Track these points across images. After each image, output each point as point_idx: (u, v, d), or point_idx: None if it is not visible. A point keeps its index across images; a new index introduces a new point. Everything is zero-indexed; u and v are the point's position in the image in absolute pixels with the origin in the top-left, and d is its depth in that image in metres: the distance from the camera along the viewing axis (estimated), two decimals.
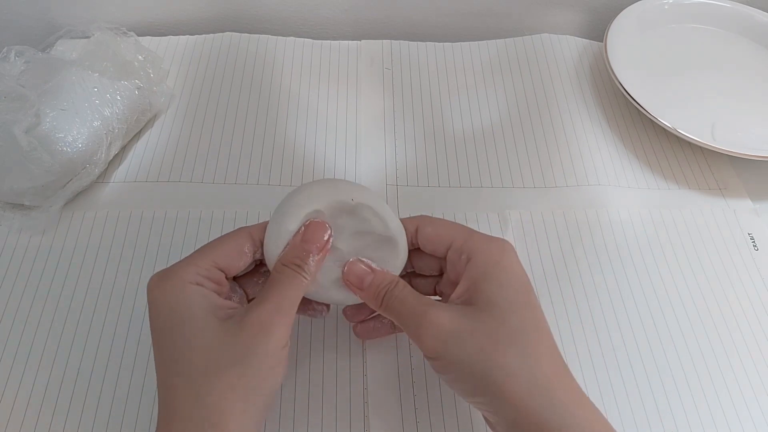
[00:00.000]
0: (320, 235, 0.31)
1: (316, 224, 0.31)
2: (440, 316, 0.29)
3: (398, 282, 0.31)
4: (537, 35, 0.59)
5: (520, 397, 0.27)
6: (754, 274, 0.43)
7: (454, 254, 0.32)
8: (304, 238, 0.31)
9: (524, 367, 0.27)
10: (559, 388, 0.28)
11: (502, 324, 0.28)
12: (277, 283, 0.30)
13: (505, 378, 0.27)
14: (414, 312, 0.30)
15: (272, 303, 0.29)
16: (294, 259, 0.30)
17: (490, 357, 0.28)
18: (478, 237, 0.32)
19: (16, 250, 0.41)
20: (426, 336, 0.29)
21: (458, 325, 0.28)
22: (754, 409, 0.37)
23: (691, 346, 0.40)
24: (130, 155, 0.48)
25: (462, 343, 0.28)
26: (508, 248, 0.31)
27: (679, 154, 0.51)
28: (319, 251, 0.31)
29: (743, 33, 0.59)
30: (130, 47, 0.50)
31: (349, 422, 0.35)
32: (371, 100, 0.53)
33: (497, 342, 0.28)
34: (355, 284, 0.32)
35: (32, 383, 0.36)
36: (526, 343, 0.28)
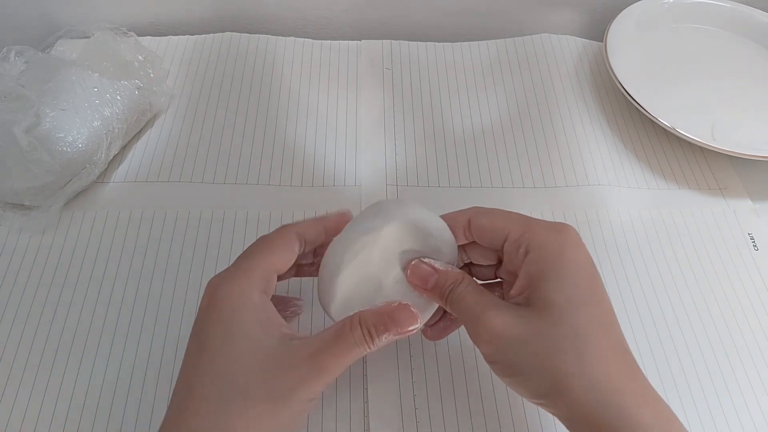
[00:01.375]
0: (409, 323, 0.29)
1: (410, 313, 0.29)
2: (494, 320, 0.28)
3: (464, 278, 0.30)
4: (537, 35, 0.59)
5: (577, 399, 0.26)
6: (754, 274, 0.43)
7: (511, 247, 0.30)
8: (392, 316, 0.29)
9: (580, 370, 0.26)
10: (620, 387, 0.27)
11: (559, 326, 0.27)
12: (344, 341, 0.28)
13: (561, 382, 0.26)
14: (471, 312, 0.29)
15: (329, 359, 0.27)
16: (371, 326, 0.28)
17: (546, 363, 0.27)
18: (537, 226, 0.30)
19: (16, 250, 0.41)
20: (481, 340, 0.28)
21: (514, 330, 0.27)
22: (755, 409, 0.37)
23: (691, 346, 0.40)
24: (130, 155, 0.48)
25: (518, 349, 0.27)
26: (571, 236, 0.30)
27: (679, 154, 0.51)
28: (397, 335, 0.29)
29: (743, 33, 0.59)
30: (130, 47, 0.50)
31: (349, 422, 0.35)
32: (371, 100, 0.53)
33: (553, 346, 0.27)
34: (420, 285, 0.31)
35: (32, 383, 0.36)
36: (583, 344, 0.27)
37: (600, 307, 0.29)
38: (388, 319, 0.29)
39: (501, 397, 0.36)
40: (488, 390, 0.37)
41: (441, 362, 0.38)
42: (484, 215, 0.32)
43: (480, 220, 0.31)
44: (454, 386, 0.37)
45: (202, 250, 0.42)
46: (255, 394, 0.26)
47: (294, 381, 0.27)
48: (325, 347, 0.28)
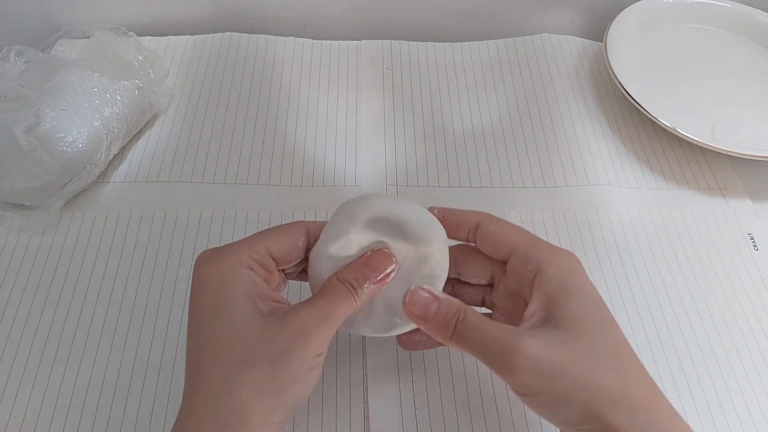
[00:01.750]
0: (384, 265, 0.30)
1: (384, 254, 0.30)
2: (531, 346, 0.26)
3: (467, 309, 0.28)
4: (537, 35, 0.59)
5: (620, 420, 0.25)
6: (754, 274, 0.43)
7: (517, 261, 0.30)
8: (367, 263, 0.29)
9: (622, 388, 0.26)
10: (654, 407, 0.27)
11: (594, 345, 0.27)
12: (329, 294, 0.29)
13: (604, 402, 0.26)
14: (499, 343, 0.27)
15: (319, 310, 0.28)
16: (351, 280, 0.29)
17: (591, 383, 0.26)
18: (545, 247, 0.30)
19: (16, 250, 0.41)
20: (518, 371, 0.26)
21: (552, 354, 0.26)
22: (755, 409, 0.37)
23: (691, 346, 0.40)
24: (130, 155, 0.48)
25: (561, 374, 0.26)
26: (579, 262, 0.30)
27: (679, 154, 0.51)
28: (377, 282, 0.29)
29: (743, 33, 0.59)
30: (130, 47, 0.50)
31: (350, 422, 0.35)
32: (371, 100, 0.53)
33: (594, 365, 0.26)
34: (419, 315, 0.29)
35: (32, 383, 0.36)
36: (618, 362, 0.27)
37: (617, 329, 0.28)
38: (366, 268, 0.29)
39: (501, 397, 0.36)
40: (488, 390, 0.37)
41: (441, 362, 0.38)
42: (494, 223, 0.31)
43: (490, 227, 0.31)
44: (454, 386, 0.37)
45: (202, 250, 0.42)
46: (253, 358, 0.26)
47: (290, 339, 0.27)
48: (316, 303, 0.28)
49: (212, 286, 0.28)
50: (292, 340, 0.27)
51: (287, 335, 0.27)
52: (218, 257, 0.29)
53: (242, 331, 0.27)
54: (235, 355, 0.26)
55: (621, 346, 0.28)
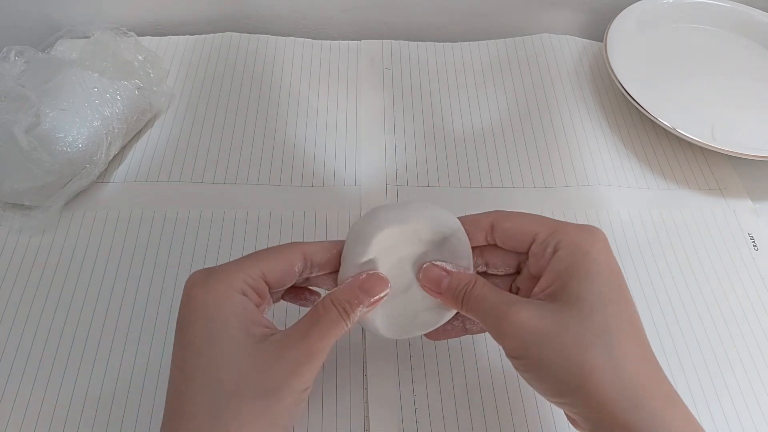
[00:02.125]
0: (378, 289, 0.30)
1: (379, 278, 0.30)
2: (522, 314, 0.27)
3: (477, 280, 0.30)
4: (537, 35, 0.59)
5: (605, 397, 0.26)
6: (754, 274, 0.43)
7: (538, 248, 0.30)
8: (362, 286, 0.29)
9: (610, 366, 0.26)
10: (647, 387, 0.26)
11: (589, 321, 0.27)
12: (321, 322, 0.28)
13: (589, 378, 0.26)
14: (495, 310, 0.28)
15: (310, 346, 0.28)
16: (344, 303, 0.29)
17: (575, 356, 0.26)
18: (567, 226, 0.30)
19: (16, 250, 0.41)
20: (507, 335, 0.28)
21: (541, 324, 0.27)
22: (755, 408, 0.37)
23: (690, 345, 0.40)
24: (130, 155, 0.48)
25: (545, 342, 0.27)
26: (600, 237, 0.30)
27: (679, 154, 0.51)
28: (371, 305, 0.30)
29: (743, 33, 0.59)
30: (130, 47, 0.50)
31: (349, 422, 0.35)
32: (371, 100, 0.53)
33: (582, 340, 0.27)
34: (433, 288, 0.31)
35: (32, 383, 0.36)
36: (612, 341, 0.27)
37: (627, 306, 0.28)
38: (360, 291, 0.29)
39: (501, 397, 0.36)
40: (488, 389, 0.37)
41: (441, 362, 0.38)
42: (508, 219, 0.31)
43: (505, 224, 0.31)
44: (454, 386, 0.37)
45: (202, 250, 0.42)
46: (246, 392, 0.26)
47: (284, 372, 0.27)
48: (307, 333, 0.28)
49: (204, 312, 0.27)
50: (287, 374, 0.27)
51: (282, 369, 0.27)
52: (211, 280, 0.28)
53: (234, 362, 0.26)
54: (228, 387, 0.26)
55: (621, 324, 0.27)
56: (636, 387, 0.26)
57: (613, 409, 0.26)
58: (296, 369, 0.27)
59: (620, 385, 0.26)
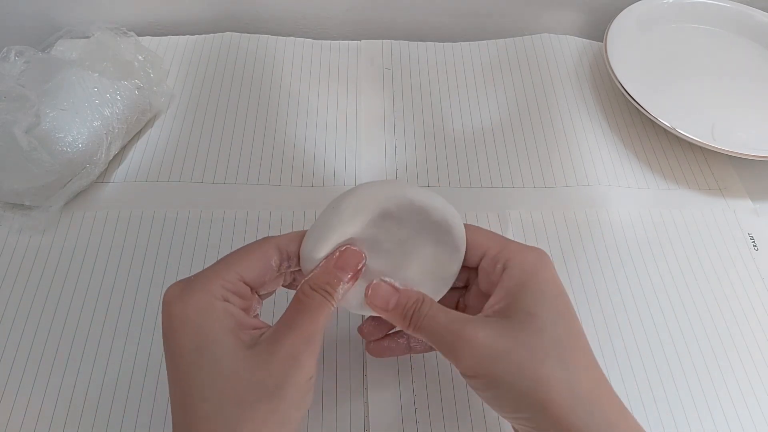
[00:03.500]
0: (354, 262, 0.29)
1: (351, 252, 0.30)
2: (476, 332, 0.28)
3: (425, 299, 0.30)
4: (537, 35, 0.59)
5: (561, 410, 0.26)
6: (754, 274, 0.43)
7: (488, 263, 0.30)
8: (336, 264, 0.29)
9: (565, 380, 0.27)
10: (600, 401, 0.27)
11: (541, 336, 0.27)
12: (306, 309, 0.28)
13: (546, 392, 0.26)
14: (448, 330, 0.28)
15: (301, 332, 0.27)
16: (324, 285, 0.28)
17: (531, 371, 0.27)
18: (515, 246, 0.31)
19: (16, 250, 0.41)
20: (462, 355, 0.28)
21: (496, 341, 0.27)
22: (755, 408, 0.37)
23: (690, 346, 0.40)
24: (130, 155, 0.48)
25: (501, 359, 0.27)
26: (546, 258, 0.30)
27: (679, 154, 0.51)
28: (351, 279, 0.29)
29: (743, 33, 0.59)
30: (130, 47, 0.50)
31: (350, 422, 0.35)
32: (371, 100, 0.53)
33: (537, 355, 0.27)
34: (381, 306, 0.30)
35: (32, 383, 0.36)
36: (565, 355, 0.27)
37: (574, 323, 0.29)
38: (336, 269, 0.29)
39: None
40: None
41: (441, 362, 0.38)
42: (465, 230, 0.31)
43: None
44: (454, 386, 0.37)
45: (202, 250, 0.42)
46: (250, 398, 0.26)
47: (282, 366, 0.26)
48: (294, 325, 0.27)
49: (188, 326, 0.27)
50: (284, 372, 0.26)
51: (278, 367, 0.26)
52: (188, 293, 0.27)
53: (231, 370, 0.26)
54: (231, 396, 0.26)
55: (572, 339, 0.28)
56: (590, 400, 0.27)
57: (569, 422, 0.26)
58: (294, 360, 0.26)
59: (576, 398, 0.26)
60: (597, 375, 0.28)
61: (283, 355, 0.26)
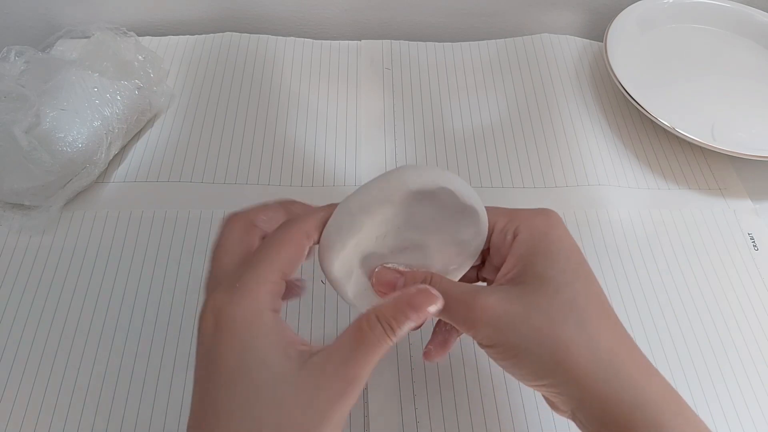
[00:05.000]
0: (427, 305, 0.26)
1: (428, 294, 0.26)
2: (489, 301, 0.27)
3: (432, 277, 0.29)
4: (537, 35, 0.59)
5: (583, 372, 0.25)
6: (754, 274, 0.43)
7: (498, 237, 0.30)
8: (411, 303, 0.26)
9: (585, 341, 0.26)
10: (623, 359, 0.26)
11: (557, 298, 0.27)
12: (366, 341, 0.25)
13: (566, 354, 0.25)
14: (460, 302, 0.27)
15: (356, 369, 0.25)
16: (390, 320, 0.25)
17: (549, 335, 0.26)
18: (522, 213, 0.30)
19: (16, 250, 0.41)
20: (478, 324, 0.27)
21: (511, 307, 0.26)
22: (754, 408, 0.37)
23: (690, 345, 0.40)
24: (130, 155, 0.48)
25: (517, 325, 0.26)
26: (555, 218, 0.29)
27: (679, 154, 0.51)
28: (418, 322, 0.26)
29: (743, 33, 0.59)
30: (130, 47, 0.50)
31: (350, 422, 0.35)
32: (371, 100, 0.53)
33: (554, 318, 0.26)
34: (388, 292, 0.29)
35: (32, 383, 0.36)
36: (583, 315, 0.26)
37: (591, 281, 0.28)
38: (408, 307, 0.26)
39: (501, 397, 0.36)
40: (488, 390, 0.37)
41: (441, 362, 0.38)
42: None
43: None
44: (454, 386, 0.37)
45: (203, 251, 0.42)
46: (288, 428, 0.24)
47: (326, 404, 0.24)
48: (350, 355, 0.25)
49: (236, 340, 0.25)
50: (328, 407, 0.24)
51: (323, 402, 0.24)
52: (239, 302, 0.25)
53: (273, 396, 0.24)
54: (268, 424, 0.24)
55: (588, 299, 0.27)
56: (612, 359, 0.26)
57: (592, 383, 0.25)
58: (339, 400, 0.24)
59: (597, 358, 0.26)
60: (619, 334, 0.27)
61: (330, 393, 0.24)
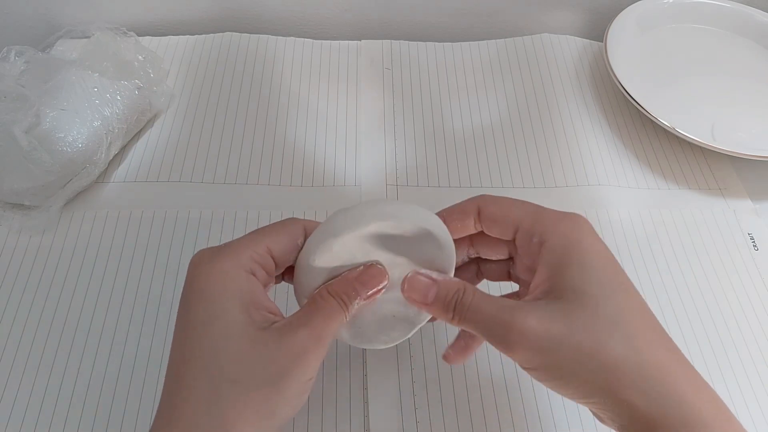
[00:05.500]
0: (377, 281, 0.29)
1: (377, 269, 0.29)
2: (528, 321, 0.25)
3: (466, 288, 0.28)
4: (537, 35, 0.59)
5: (632, 392, 0.24)
6: (754, 274, 0.43)
7: (523, 237, 0.29)
8: (360, 278, 0.28)
9: (632, 359, 0.25)
10: (672, 375, 0.25)
11: (597, 313, 0.25)
12: (322, 310, 0.27)
13: (613, 374, 0.25)
14: (496, 321, 0.26)
15: (315, 330, 0.27)
16: (342, 294, 0.28)
17: (595, 355, 0.25)
18: (549, 215, 0.29)
19: (16, 250, 0.41)
20: (516, 347, 0.26)
21: (552, 327, 0.25)
22: (754, 408, 0.37)
23: (690, 345, 0.40)
24: (130, 155, 0.48)
25: (559, 347, 0.25)
26: (584, 224, 0.28)
27: (679, 154, 0.51)
28: (368, 298, 0.28)
29: (743, 33, 0.59)
30: (130, 47, 0.50)
31: (349, 422, 0.35)
32: (371, 100, 0.53)
33: (598, 336, 0.25)
34: (420, 299, 0.29)
35: (32, 383, 0.36)
36: (629, 330, 0.25)
37: (631, 293, 0.27)
38: (357, 283, 0.28)
39: (501, 397, 0.36)
40: (488, 389, 0.37)
41: (441, 362, 0.38)
42: (493, 203, 0.30)
43: (490, 208, 0.30)
44: (454, 386, 0.37)
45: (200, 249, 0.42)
46: (248, 380, 0.25)
47: (288, 359, 0.26)
48: (309, 321, 0.27)
49: (207, 292, 0.26)
50: (290, 363, 0.26)
51: (284, 357, 0.26)
52: (218, 258, 0.27)
53: (237, 348, 0.25)
54: (228, 374, 0.25)
55: (632, 312, 0.26)
56: (661, 376, 0.25)
57: (641, 402, 0.24)
58: (302, 356, 0.26)
59: (645, 376, 0.25)
60: (665, 347, 0.26)
61: (293, 347, 0.26)
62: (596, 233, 0.28)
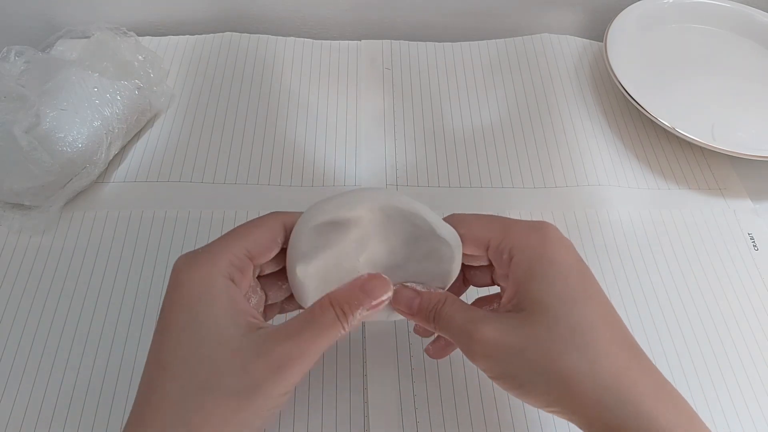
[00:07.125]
0: (381, 292, 0.28)
1: (382, 280, 0.28)
2: (486, 332, 0.26)
3: (446, 299, 0.29)
4: (537, 35, 0.59)
5: (588, 402, 0.25)
6: (754, 274, 0.43)
7: (495, 254, 0.29)
8: (364, 288, 0.28)
9: (586, 369, 0.25)
10: (629, 384, 0.25)
11: (556, 326, 0.26)
12: (314, 323, 0.26)
13: (568, 385, 0.25)
14: (463, 330, 0.27)
15: (302, 343, 0.26)
16: (343, 305, 0.27)
17: (548, 367, 0.25)
18: (516, 229, 0.29)
19: (16, 250, 0.41)
20: (477, 356, 0.27)
21: (507, 339, 0.26)
22: (754, 408, 0.37)
23: (690, 345, 0.40)
24: (130, 155, 0.48)
25: (515, 358, 0.26)
26: (551, 234, 0.29)
27: (679, 154, 0.51)
28: (372, 308, 0.28)
29: (743, 33, 0.59)
30: (130, 47, 0.50)
31: (349, 423, 0.35)
32: (371, 100, 0.53)
33: (551, 348, 0.26)
34: (405, 311, 0.30)
35: (32, 383, 0.36)
36: (585, 341, 0.26)
37: (595, 302, 0.27)
38: (361, 293, 0.28)
39: (501, 397, 0.36)
40: (488, 390, 0.37)
41: (441, 362, 0.38)
42: (461, 224, 0.30)
43: (458, 230, 0.30)
44: (453, 386, 0.37)
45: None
46: (219, 389, 0.24)
47: (263, 371, 0.25)
48: (297, 333, 0.26)
49: (188, 298, 0.26)
50: (267, 375, 0.25)
51: (262, 369, 0.25)
52: (196, 264, 0.27)
53: (212, 354, 0.25)
54: (199, 381, 0.24)
55: (592, 322, 0.26)
56: (617, 385, 0.25)
57: (597, 412, 0.25)
58: (277, 370, 0.25)
59: (600, 385, 0.25)
60: (627, 356, 0.26)
61: (273, 359, 0.25)
62: (564, 239, 0.29)
